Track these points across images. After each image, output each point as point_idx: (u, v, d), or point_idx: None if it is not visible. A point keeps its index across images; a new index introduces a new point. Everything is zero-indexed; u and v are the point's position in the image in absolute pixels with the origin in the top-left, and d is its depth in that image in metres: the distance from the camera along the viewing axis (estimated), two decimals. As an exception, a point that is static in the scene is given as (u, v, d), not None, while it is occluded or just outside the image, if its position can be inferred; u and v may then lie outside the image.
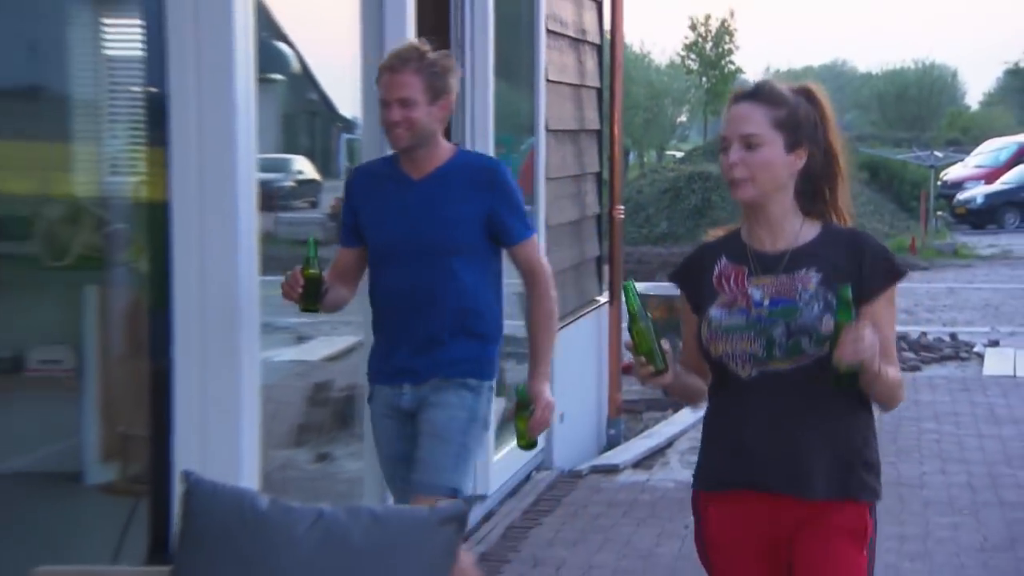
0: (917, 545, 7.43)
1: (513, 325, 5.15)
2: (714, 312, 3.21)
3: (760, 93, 3.19)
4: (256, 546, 3.18)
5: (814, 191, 3.22)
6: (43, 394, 6.90)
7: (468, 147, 6.86)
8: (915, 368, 13.72)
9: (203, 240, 4.19)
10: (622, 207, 10.97)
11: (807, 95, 3.23)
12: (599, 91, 10.82)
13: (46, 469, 6.78)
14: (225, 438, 4.24)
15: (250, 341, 4.39)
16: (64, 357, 6.75)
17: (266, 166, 6.59)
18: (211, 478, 3.43)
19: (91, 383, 6.74)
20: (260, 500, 3.30)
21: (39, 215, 7.06)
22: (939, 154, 41.12)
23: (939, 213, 32.98)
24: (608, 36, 10.77)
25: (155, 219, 5.18)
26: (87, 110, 6.95)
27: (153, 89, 4.78)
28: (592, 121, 10.49)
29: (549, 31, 8.83)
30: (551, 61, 9.02)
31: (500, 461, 7.68)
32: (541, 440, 4.87)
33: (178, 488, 3.50)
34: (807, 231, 3.22)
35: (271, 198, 7.38)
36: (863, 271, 3.14)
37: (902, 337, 14.91)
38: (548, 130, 8.98)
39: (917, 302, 19.90)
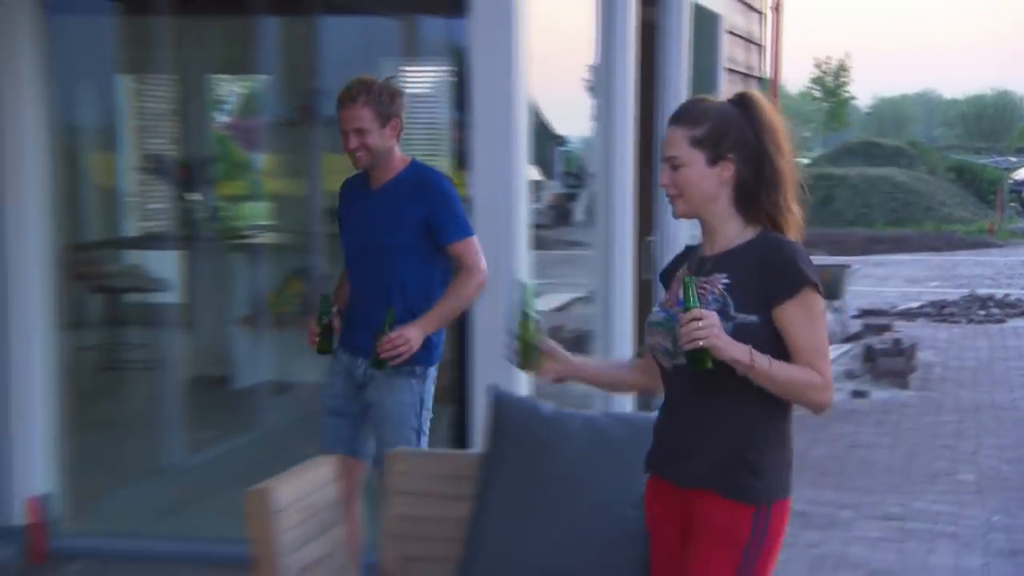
0: (1013, 453, 7.42)
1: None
2: (654, 309, 2.78)
3: (680, 115, 2.61)
4: (545, 438, 3.19)
5: (749, 196, 2.58)
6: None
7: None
8: (1001, 321, 13.46)
9: (504, 229, 4.14)
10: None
11: (742, 104, 2.62)
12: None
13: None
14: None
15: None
16: None
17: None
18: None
19: None
20: (545, 406, 3.32)
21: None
22: (1012, 159, 41.26)
23: (1011, 204, 31.99)
24: (768, 72, 10.68)
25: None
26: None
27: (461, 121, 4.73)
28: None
29: (726, 69, 8.70)
30: (727, 92, 8.79)
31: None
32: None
33: (484, 399, 3.55)
34: (741, 237, 2.60)
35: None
36: (766, 278, 2.51)
37: (989, 298, 14.72)
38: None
39: (998, 271, 19.31)
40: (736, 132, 2.55)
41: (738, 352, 2.42)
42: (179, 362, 6.58)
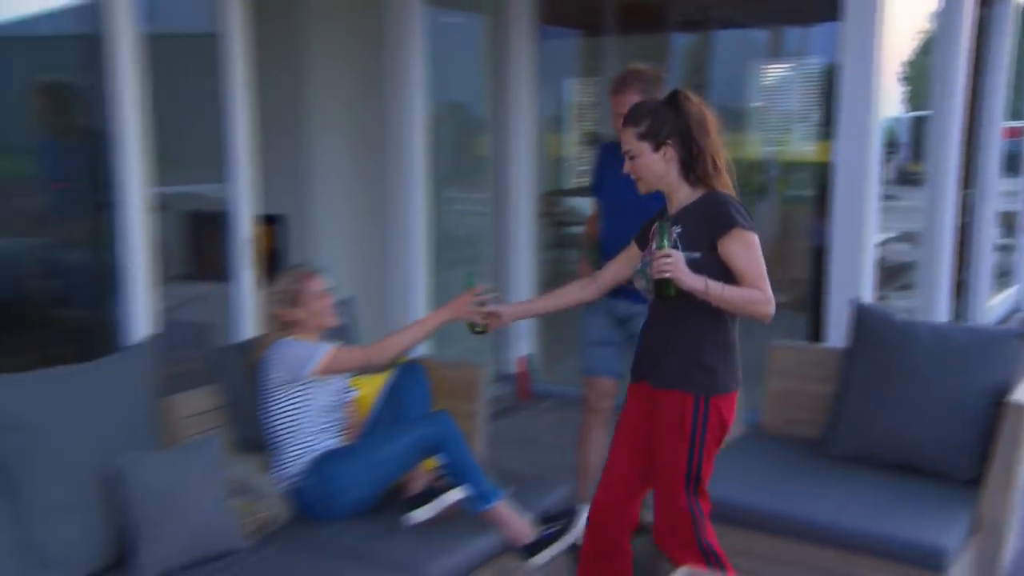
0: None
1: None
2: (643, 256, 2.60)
3: (628, 118, 2.50)
4: (899, 339, 3.11)
5: (688, 169, 2.47)
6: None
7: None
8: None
9: (859, 188, 3.89)
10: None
11: (674, 100, 2.48)
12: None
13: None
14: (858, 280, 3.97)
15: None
16: None
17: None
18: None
19: None
20: (898, 315, 3.24)
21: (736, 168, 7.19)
22: None
23: None
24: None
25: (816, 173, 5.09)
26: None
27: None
28: None
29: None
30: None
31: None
32: None
33: (842, 308, 3.44)
34: (691, 198, 2.49)
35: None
36: (709, 223, 2.43)
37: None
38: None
39: None
40: (671, 123, 2.46)
41: (696, 283, 2.37)
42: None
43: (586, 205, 8.10)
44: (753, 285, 2.43)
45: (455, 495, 2.65)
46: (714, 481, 2.96)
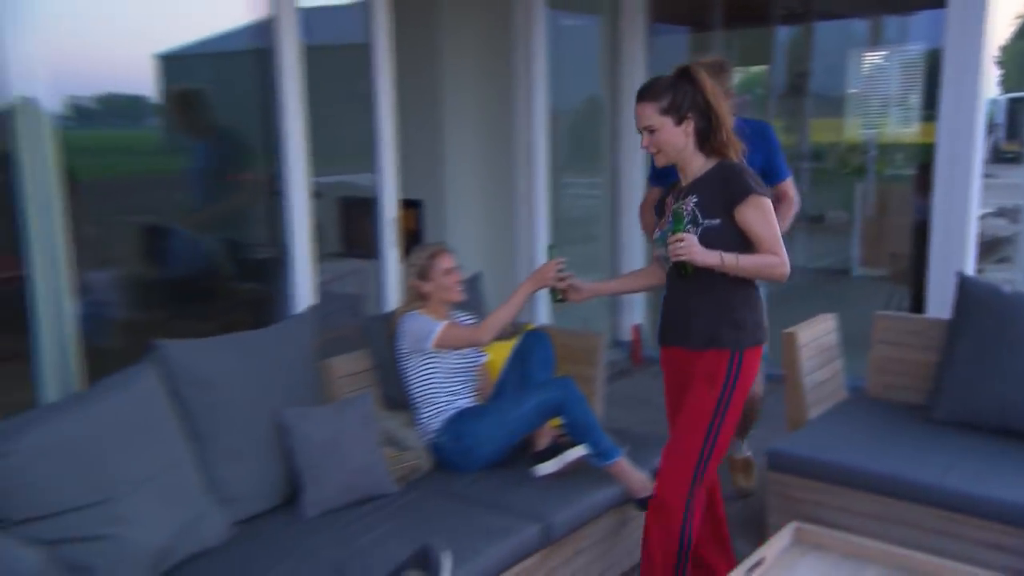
0: None
1: None
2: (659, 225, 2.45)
3: (646, 94, 2.32)
4: (1005, 310, 2.89)
5: (704, 139, 2.32)
6: (830, 232, 6.77)
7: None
8: None
9: (963, 170, 3.57)
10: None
11: (687, 75, 2.30)
12: None
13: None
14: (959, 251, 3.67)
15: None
16: (845, 215, 6.57)
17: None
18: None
19: (857, 228, 6.48)
20: (1004, 287, 3.00)
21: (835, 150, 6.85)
22: None
23: None
24: None
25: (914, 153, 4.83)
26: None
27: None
28: None
29: None
30: None
31: None
32: None
33: (946, 280, 3.21)
34: (704, 168, 2.34)
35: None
36: (728, 190, 2.27)
37: None
38: None
39: None
40: (690, 97, 2.29)
41: (710, 259, 2.26)
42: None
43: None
44: (770, 250, 2.29)
45: (577, 452, 2.61)
46: (821, 443, 2.82)
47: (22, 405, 2.51)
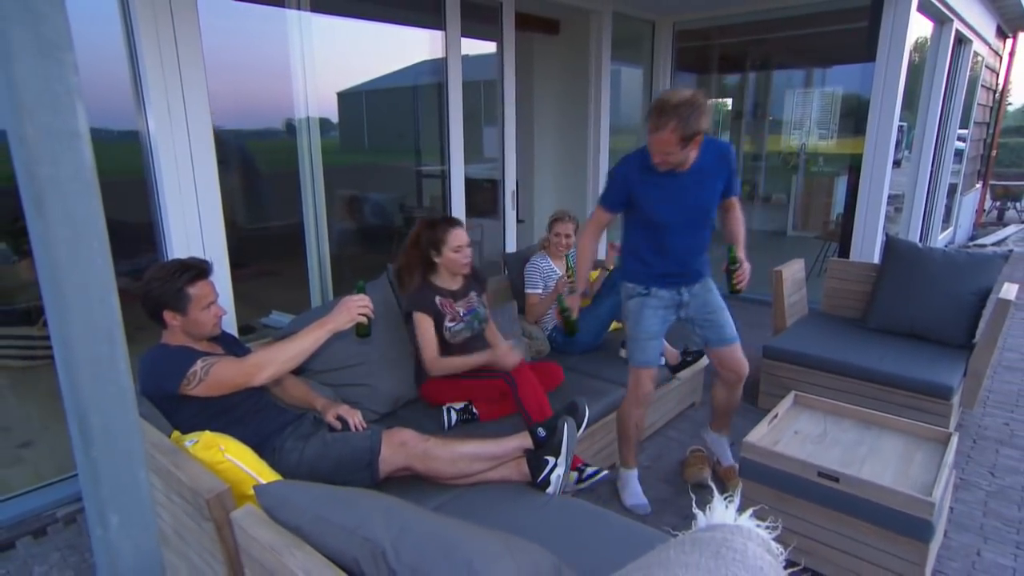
0: None
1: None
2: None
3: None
4: (915, 257, 2.85)
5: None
6: (774, 208, 6.43)
7: None
8: None
9: None
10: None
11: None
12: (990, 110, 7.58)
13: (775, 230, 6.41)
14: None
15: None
16: (785, 197, 6.27)
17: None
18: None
19: (792, 205, 6.19)
20: (918, 244, 2.95)
21: (780, 155, 6.65)
22: None
23: None
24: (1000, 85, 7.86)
25: (834, 159, 4.50)
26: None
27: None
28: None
29: (982, 86, 6.59)
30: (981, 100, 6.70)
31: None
32: None
33: (869, 236, 3.21)
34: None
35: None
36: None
37: None
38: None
39: None
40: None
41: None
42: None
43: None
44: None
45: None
46: (797, 341, 2.90)
47: (302, 301, 2.82)
